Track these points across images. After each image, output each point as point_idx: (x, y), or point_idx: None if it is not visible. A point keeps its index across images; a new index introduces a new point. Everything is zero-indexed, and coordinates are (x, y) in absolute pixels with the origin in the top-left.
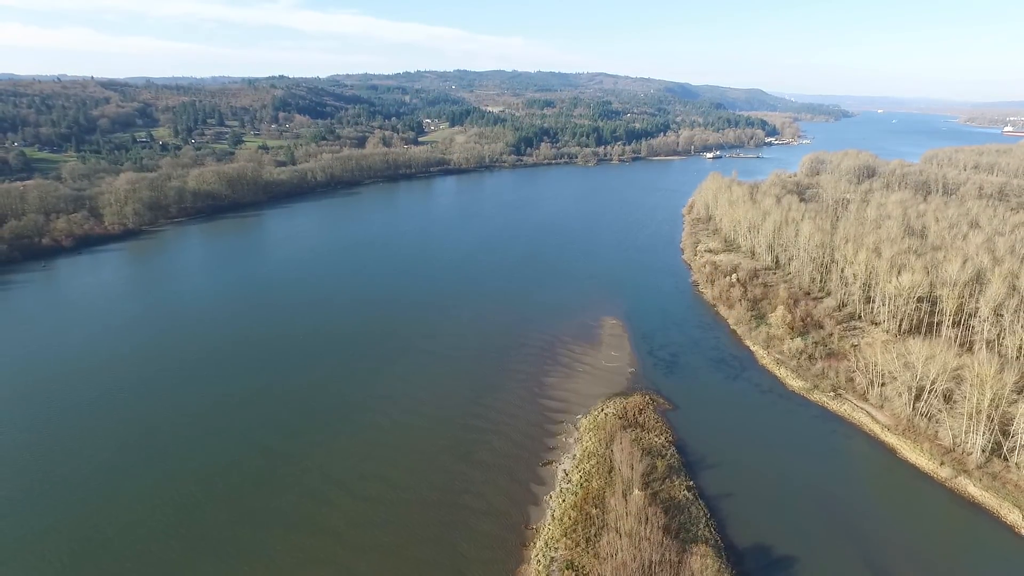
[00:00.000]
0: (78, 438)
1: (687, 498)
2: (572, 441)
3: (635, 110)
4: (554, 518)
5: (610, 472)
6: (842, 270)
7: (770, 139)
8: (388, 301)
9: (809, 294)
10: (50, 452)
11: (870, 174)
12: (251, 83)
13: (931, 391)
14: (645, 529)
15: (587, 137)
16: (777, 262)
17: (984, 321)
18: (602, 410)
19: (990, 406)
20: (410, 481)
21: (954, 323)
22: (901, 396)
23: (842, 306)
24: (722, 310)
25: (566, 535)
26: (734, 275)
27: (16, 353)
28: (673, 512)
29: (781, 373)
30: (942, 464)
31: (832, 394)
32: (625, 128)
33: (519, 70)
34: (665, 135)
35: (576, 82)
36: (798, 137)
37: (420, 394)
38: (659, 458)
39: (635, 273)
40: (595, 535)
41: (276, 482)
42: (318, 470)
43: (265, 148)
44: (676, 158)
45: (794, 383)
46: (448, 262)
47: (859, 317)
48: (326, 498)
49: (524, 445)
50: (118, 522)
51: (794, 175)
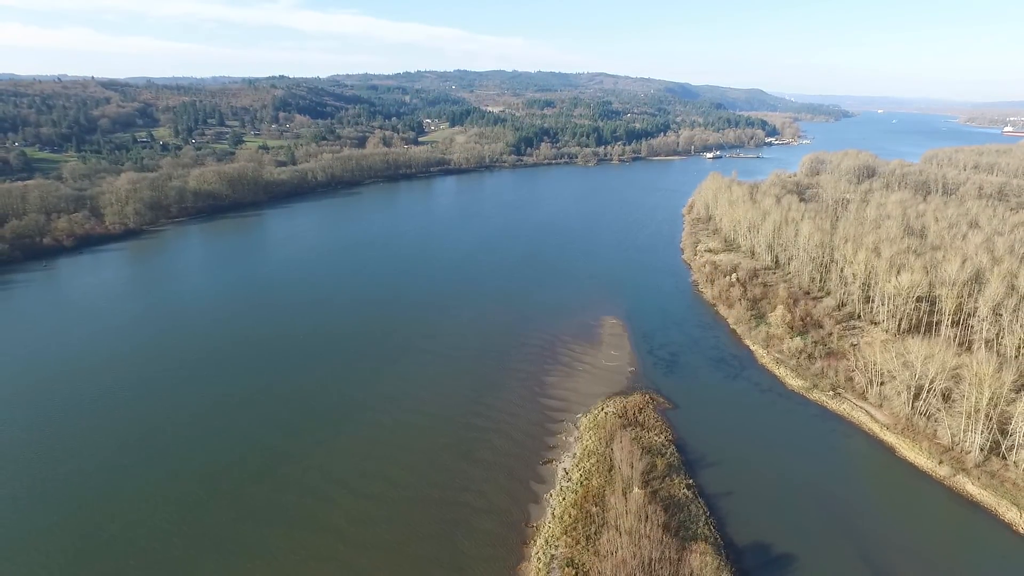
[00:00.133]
0: (80, 437)
1: (687, 496)
2: (572, 440)
3: (635, 110)
4: (554, 516)
5: (610, 470)
6: (841, 270)
7: (770, 139)
8: (388, 301)
9: (809, 294)
10: (52, 451)
11: (870, 174)
12: (251, 83)
13: (930, 390)
14: (645, 527)
15: (587, 137)
16: (777, 262)
17: (983, 320)
18: (602, 409)
19: (988, 405)
20: (411, 479)
21: (953, 322)
22: (900, 395)
23: (841, 305)
24: (722, 309)
25: (566, 533)
26: (734, 275)
27: (18, 352)
28: (673, 510)
29: (780, 372)
30: (941, 463)
31: (831, 393)
32: (625, 128)
33: (519, 70)
34: (665, 135)
35: (576, 82)
36: (798, 137)
37: (421, 393)
38: (659, 456)
39: (635, 273)
40: (595, 533)
41: (277, 480)
42: (319, 469)
43: (265, 148)
44: (676, 158)
45: (793, 382)
46: (448, 262)
47: (858, 316)
48: (327, 496)
49: (524, 444)
50: (120, 520)
51: (794, 175)
